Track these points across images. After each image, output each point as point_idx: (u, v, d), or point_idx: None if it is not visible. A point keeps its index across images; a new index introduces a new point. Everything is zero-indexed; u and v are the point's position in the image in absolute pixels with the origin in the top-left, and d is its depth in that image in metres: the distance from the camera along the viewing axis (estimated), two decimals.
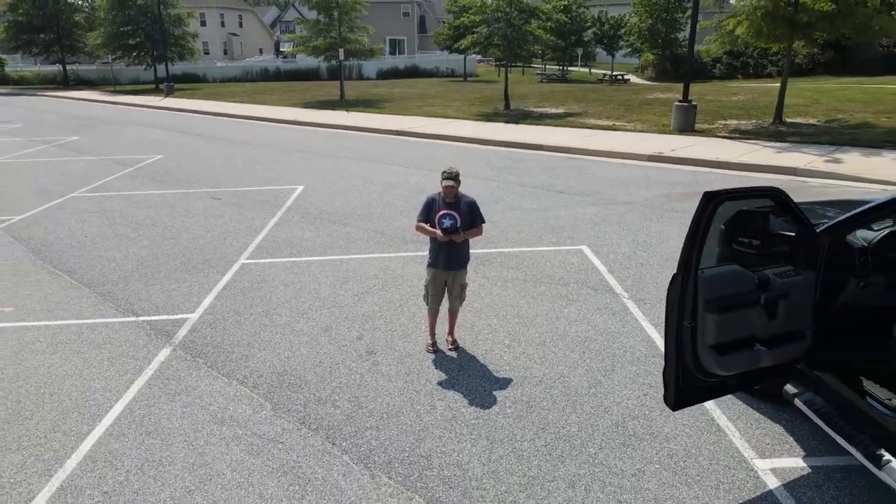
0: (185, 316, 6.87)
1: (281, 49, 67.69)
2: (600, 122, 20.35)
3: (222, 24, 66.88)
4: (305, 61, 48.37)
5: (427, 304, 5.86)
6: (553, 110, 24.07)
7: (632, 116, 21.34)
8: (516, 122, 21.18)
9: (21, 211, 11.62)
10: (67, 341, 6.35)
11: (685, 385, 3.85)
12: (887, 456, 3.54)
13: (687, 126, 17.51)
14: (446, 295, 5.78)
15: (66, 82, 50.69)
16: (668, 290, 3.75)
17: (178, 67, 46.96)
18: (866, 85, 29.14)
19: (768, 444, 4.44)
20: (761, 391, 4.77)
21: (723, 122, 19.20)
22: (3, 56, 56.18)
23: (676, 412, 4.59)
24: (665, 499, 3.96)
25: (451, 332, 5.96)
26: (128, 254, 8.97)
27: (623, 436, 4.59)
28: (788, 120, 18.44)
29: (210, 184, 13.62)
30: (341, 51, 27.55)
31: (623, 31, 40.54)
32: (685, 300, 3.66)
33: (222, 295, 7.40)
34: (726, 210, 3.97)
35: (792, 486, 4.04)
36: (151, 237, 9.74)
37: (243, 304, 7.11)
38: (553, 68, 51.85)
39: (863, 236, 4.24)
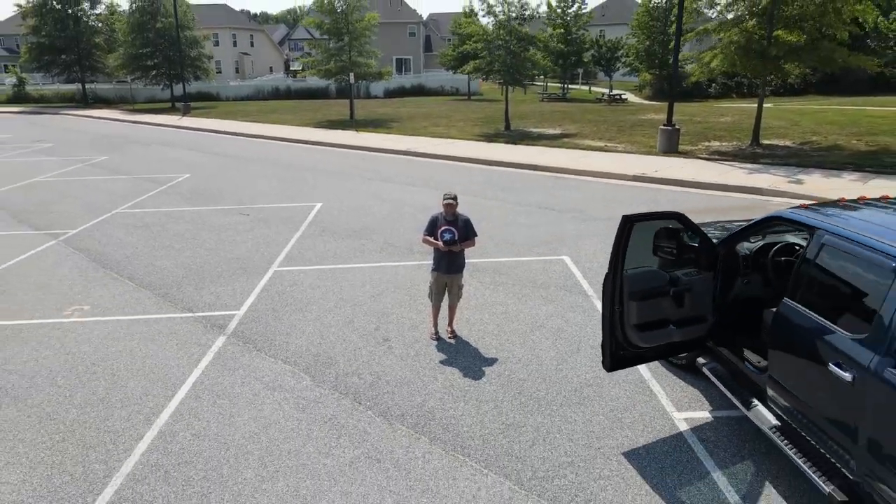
0: (232, 312, 8.39)
1: (291, 68, 69.80)
2: (593, 143, 21.92)
3: (234, 44, 69.09)
4: (315, 80, 50.30)
5: (431, 301, 7.36)
6: (550, 131, 25.69)
7: (623, 138, 22.91)
8: (515, 142, 22.77)
9: (75, 225, 13.22)
10: (141, 332, 7.89)
11: (616, 354, 5.34)
12: (755, 402, 5.02)
13: (671, 148, 19.05)
14: (447, 294, 7.28)
15: (86, 101, 52.70)
16: (603, 285, 5.26)
17: (193, 86, 48.89)
18: (848, 106, 30.68)
19: (685, 401, 5.91)
20: (684, 365, 6.26)
21: (706, 143, 20.75)
22: (24, 75, 58.51)
23: (616, 376, 6.07)
24: (605, 437, 5.44)
25: (450, 324, 7.46)
26: (176, 262, 10.53)
27: (579, 397, 6.07)
28: (766, 142, 19.97)
29: (236, 201, 15.21)
30: (352, 75, 29.32)
31: (620, 52, 42.25)
32: (614, 292, 5.16)
33: (261, 296, 8.93)
34: (653, 227, 5.50)
35: (697, 430, 5.51)
36: (193, 248, 11.30)
37: (279, 303, 8.63)
38: (554, 86, 53.69)
39: (747, 247, 5.73)
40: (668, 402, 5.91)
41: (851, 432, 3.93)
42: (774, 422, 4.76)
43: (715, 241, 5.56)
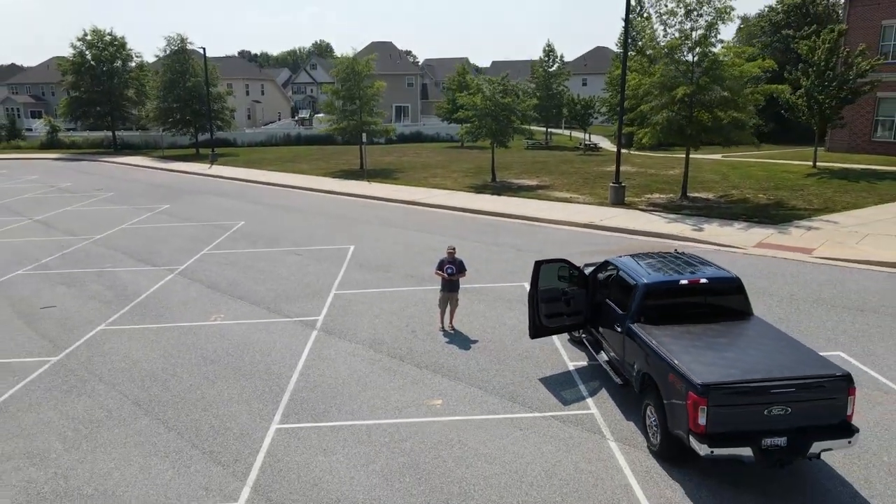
0: (315, 318, 13.64)
1: (299, 115, 75.94)
2: (561, 195, 27.45)
3: (247, 93, 75.33)
4: (318, 121, 56.11)
5: (440, 308, 12.65)
6: (529, 182, 31.29)
7: (586, 189, 28.50)
8: (499, 193, 28.31)
9: (180, 262, 18.49)
10: (265, 329, 13.12)
11: (535, 328, 10.63)
12: (603, 353, 10.31)
13: (618, 200, 24.58)
14: (449, 304, 12.57)
15: (115, 147, 58.29)
16: (528, 295, 10.57)
17: (209, 130, 54.65)
18: (777, 160, 36.59)
19: (577, 358, 11.20)
20: (578, 340, 11.56)
21: (648, 195, 26.34)
22: (57, 123, 64.26)
23: (537, 342, 11.38)
24: (523, 371, 10.69)
25: (451, 322, 12.73)
26: (267, 288, 15.80)
27: (521, 349, 11.32)
28: (693, 194, 25.56)
29: (289, 243, 20.53)
30: (364, 134, 35.04)
31: (592, 109, 48.44)
32: (534, 298, 10.47)
33: (330, 307, 14.19)
34: (554, 266, 10.85)
35: (578, 371, 10.78)
36: (274, 279, 16.58)
37: (343, 312, 13.89)
38: (539, 130, 59.82)
39: (600, 275, 11.05)
40: (567, 358, 11.20)
41: (627, 358, 9.19)
42: (605, 358, 10.07)
43: (587, 270, 10.92)
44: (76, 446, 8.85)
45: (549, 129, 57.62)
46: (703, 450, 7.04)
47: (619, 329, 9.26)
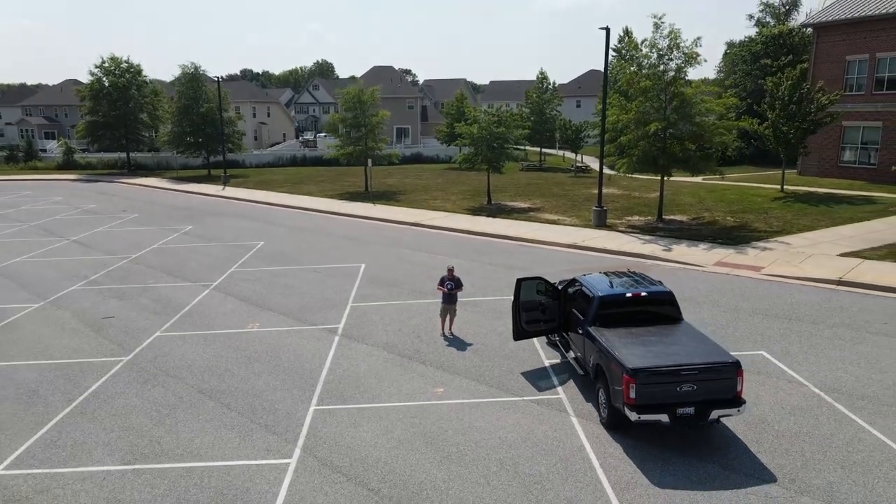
0: (336, 325, 16.28)
1: (304, 137, 78.99)
2: (550, 217, 30.20)
3: (254, 115, 78.42)
4: (326, 145, 59.03)
5: (441, 318, 15.32)
6: (521, 205, 34.07)
7: (573, 212, 31.26)
8: (494, 216, 31.05)
9: (213, 279, 21.14)
10: (295, 335, 15.75)
11: (517, 332, 13.30)
12: (571, 352, 12.97)
13: (600, 222, 27.32)
14: (448, 314, 15.23)
15: (129, 168, 61.16)
16: (512, 305, 13.25)
17: (220, 153, 57.57)
18: (752, 183, 39.44)
19: (552, 357, 13.85)
20: (553, 343, 14.21)
21: (628, 217, 29.10)
22: (73, 144, 67.21)
23: (519, 344, 14.04)
24: (508, 366, 13.33)
25: (450, 329, 15.39)
26: (291, 301, 18.45)
27: (507, 349, 13.96)
28: (668, 217, 28.32)
29: (306, 262, 23.20)
30: (369, 160, 37.88)
31: (583, 134, 51.48)
32: (517, 308, 13.14)
33: (348, 317, 16.84)
34: (533, 282, 13.55)
35: (552, 366, 13.42)
36: (298, 294, 19.22)
37: (360, 321, 16.54)
38: (534, 150, 62.76)
39: (570, 289, 13.71)
40: (545, 357, 13.85)
41: (586, 354, 11.82)
42: (572, 355, 12.73)
43: (560, 285, 13.61)
44: (161, 422, 11.46)
45: (544, 151, 60.61)
46: (633, 416, 9.67)
47: (580, 331, 11.92)
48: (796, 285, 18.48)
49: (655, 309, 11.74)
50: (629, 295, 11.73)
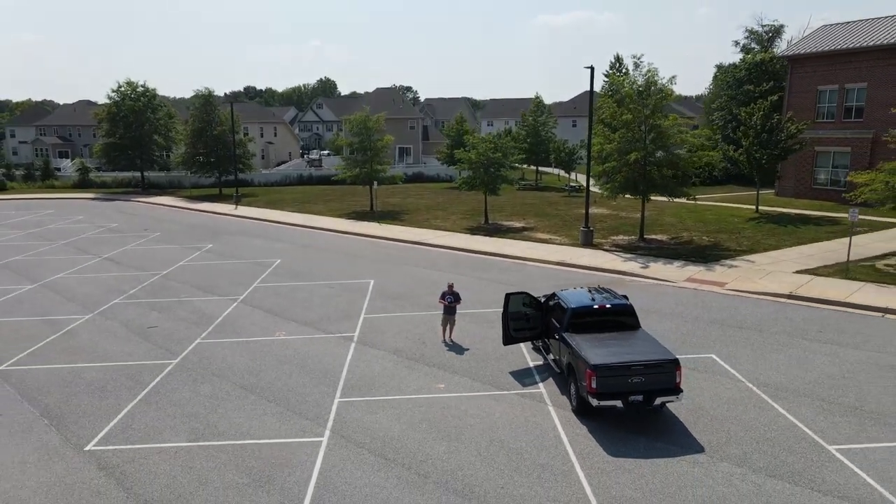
0: (352, 334, 18.87)
1: (309, 156, 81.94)
2: (542, 236, 32.85)
3: (261, 135, 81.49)
4: (331, 164, 61.88)
5: (442, 327, 17.92)
6: (516, 224, 36.76)
7: (563, 231, 33.93)
8: (490, 235, 33.71)
9: (239, 293, 23.74)
10: (317, 341, 18.34)
11: (506, 338, 15.90)
12: (550, 354, 15.56)
13: (587, 242, 29.98)
14: (449, 324, 17.83)
15: (142, 186, 63.99)
16: (502, 315, 15.85)
17: (231, 173, 60.42)
18: (732, 203, 42.18)
19: (536, 359, 16.43)
20: (537, 348, 16.80)
21: (613, 237, 31.75)
22: (88, 164, 70.14)
23: (506, 349, 16.64)
24: (498, 367, 15.90)
25: (450, 336, 17.99)
26: (311, 312, 21.04)
27: (498, 353, 16.53)
28: (650, 236, 30.98)
29: (320, 278, 25.82)
30: (375, 182, 40.65)
31: (575, 155, 54.40)
32: (506, 317, 15.76)
33: (362, 326, 19.43)
34: (520, 296, 16.19)
35: (536, 367, 15.99)
36: (316, 306, 21.82)
37: (372, 329, 19.13)
38: (530, 171, 65.65)
39: (550, 302, 16.31)
40: (529, 360, 16.43)
41: (561, 355, 14.39)
42: (552, 357, 15.32)
43: (542, 299, 16.21)
44: (214, 410, 14.03)
45: (539, 170, 63.55)
46: (594, 402, 12.25)
47: (557, 337, 14.52)
48: (752, 299, 21.10)
49: (617, 318, 14.35)
50: (596, 307, 14.35)
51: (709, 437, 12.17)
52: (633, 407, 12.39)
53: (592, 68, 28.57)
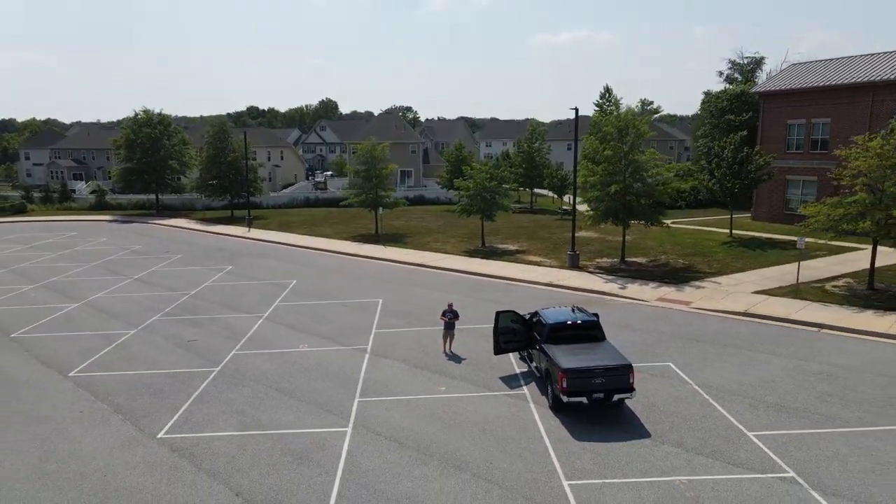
0: (366, 346, 21.98)
1: (315, 179, 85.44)
2: (534, 259, 36.05)
3: (268, 159, 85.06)
4: (336, 186, 65.21)
5: (443, 340, 21.05)
6: (511, 247, 39.99)
7: (554, 254, 37.13)
8: (486, 257, 36.89)
9: (263, 311, 26.87)
10: (336, 353, 21.45)
11: (497, 349, 19.03)
12: (533, 362, 18.68)
13: (574, 264, 33.18)
14: (449, 337, 20.95)
15: (157, 209, 67.29)
16: (493, 330, 19.00)
17: (243, 197, 63.75)
18: (710, 227, 45.50)
19: (522, 367, 19.54)
20: (523, 358, 19.92)
21: (598, 259, 34.96)
22: (104, 187, 73.52)
23: (497, 358, 19.77)
24: (490, 373, 19.01)
25: (450, 348, 21.10)
26: (328, 328, 24.15)
27: (490, 362, 19.63)
28: (630, 259, 34.18)
29: (333, 297, 28.96)
30: (380, 209, 44.01)
31: (567, 182, 57.84)
32: (497, 331, 18.89)
33: (374, 340, 22.54)
34: (509, 314, 19.36)
35: (521, 373, 19.10)
36: (332, 322, 24.93)
37: (383, 342, 22.23)
38: (525, 193, 69.01)
39: (534, 318, 19.42)
40: (515, 367, 19.53)
41: (540, 362, 17.49)
42: (534, 365, 18.44)
43: (527, 316, 19.36)
44: (256, 407, 17.11)
45: (534, 192, 66.99)
46: (565, 399, 15.35)
47: (538, 347, 17.65)
48: (712, 316, 24.26)
49: (587, 332, 17.50)
50: (569, 322, 17.51)
51: (656, 427, 15.27)
52: (596, 403, 15.50)
53: (577, 109, 32.01)
